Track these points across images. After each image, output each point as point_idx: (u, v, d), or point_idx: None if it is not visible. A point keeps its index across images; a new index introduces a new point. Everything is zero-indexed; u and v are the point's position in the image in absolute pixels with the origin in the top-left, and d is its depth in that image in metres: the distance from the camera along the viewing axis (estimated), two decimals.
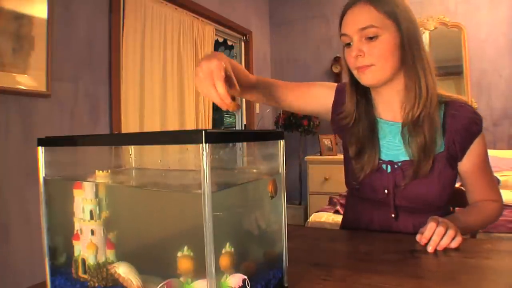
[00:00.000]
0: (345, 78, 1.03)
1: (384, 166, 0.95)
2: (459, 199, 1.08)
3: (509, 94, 3.23)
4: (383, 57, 0.86)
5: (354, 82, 0.96)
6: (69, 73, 1.92)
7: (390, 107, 0.96)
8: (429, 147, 0.89)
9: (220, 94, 0.69)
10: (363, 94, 0.99)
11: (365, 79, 0.90)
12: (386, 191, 0.94)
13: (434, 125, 0.89)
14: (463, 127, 0.90)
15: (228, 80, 0.73)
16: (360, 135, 0.96)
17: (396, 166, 0.93)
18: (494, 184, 0.99)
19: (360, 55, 0.87)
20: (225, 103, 0.69)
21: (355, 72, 0.92)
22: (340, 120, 1.00)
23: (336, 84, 1.06)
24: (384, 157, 0.95)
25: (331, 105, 1.04)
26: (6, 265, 1.62)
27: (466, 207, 1.01)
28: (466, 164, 0.93)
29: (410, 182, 0.91)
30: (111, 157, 0.62)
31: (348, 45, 0.90)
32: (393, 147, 0.95)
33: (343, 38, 0.91)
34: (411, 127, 0.90)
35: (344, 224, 1.12)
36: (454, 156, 0.92)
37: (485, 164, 0.96)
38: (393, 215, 0.95)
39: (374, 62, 0.87)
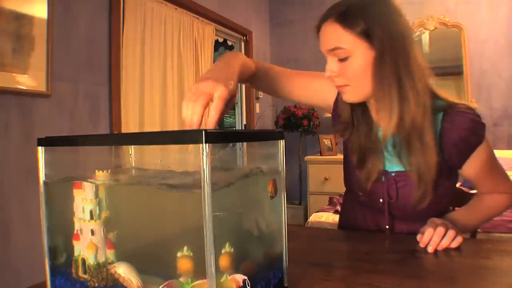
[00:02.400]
0: None
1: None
2: (459, 199, 1.08)
3: (509, 94, 3.23)
4: (355, 78, 0.81)
5: None
6: (69, 73, 1.92)
7: (380, 115, 0.89)
8: (426, 167, 0.82)
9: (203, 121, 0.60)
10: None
11: (345, 97, 0.86)
12: (381, 200, 0.92)
13: (424, 141, 0.81)
14: (461, 139, 0.83)
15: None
16: (362, 142, 0.91)
17: (389, 176, 0.90)
18: (504, 177, 0.94)
19: (333, 75, 0.83)
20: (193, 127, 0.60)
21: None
22: (339, 131, 0.95)
23: None
24: None
25: (332, 101, 1.00)
26: (6, 265, 1.62)
27: (469, 202, 0.98)
28: (469, 170, 0.88)
29: (402, 194, 0.89)
30: (111, 157, 0.62)
31: None
32: (386, 156, 0.91)
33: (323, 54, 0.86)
34: (399, 145, 0.85)
35: (341, 224, 1.12)
36: (452, 167, 0.88)
37: (490, 167, 0.90)
38: (387, 226, 0.94)
39: (347, 82, 0.82)
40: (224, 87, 0.62)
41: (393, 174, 0.90)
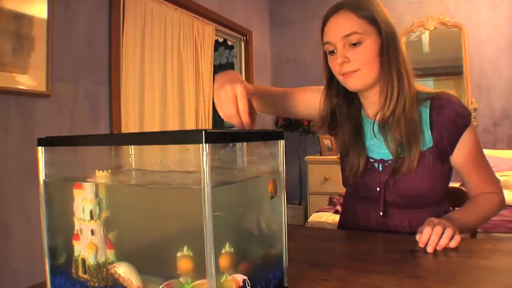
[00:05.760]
0: None
1: (376, 164, 0.97)
2: (459, 199, 1.08)
3: (509, 94, 3.23)
4: (367, 62, 0.88)
5: (333, 87, 0.99)
6: (69, 73, 1.92)
7: (375, 107, 0.97)
8: (407, 142, 0.90)
9: (244, 122, 0.71)
10: (345, 98, 1.01)
11: (351, 84, 0.91)
12: (378, 189, 0.96)
13: (413, 122, 0.90)
14: (449, 120, 0.91)
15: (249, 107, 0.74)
16: (345, 138, 1.00)
17: (387, 164, 0.95)
18: (492, 176, 0.99)
19: (346, 62, 0.89)
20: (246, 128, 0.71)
21: (340, 78, 0.93)
22: (316, 126, 1.05)
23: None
24: (376, 156, 0.97)
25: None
26: (6, 265, 1.62)
27: (464, 204, 1.01)
28: (458, 157, 0.94)
29: (400, 179, 0.93)
30: (111, 157, 0.62)
31: (332, 52, 0.93)
32: (383, 146, 0.96)
33: (327, 46, 0.93)
34: (386, 125, 0.93)
35: (342, 222, 1.13)
36: (443, 151, 0.93)
37: (478, 157, 0.96)
38: (381, 213, 0.97)
39: (359, 67, 0.89)
40: (240, 85, 0.71)
41: (390, 162, 0.95)
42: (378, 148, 0.97)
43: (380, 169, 0.96)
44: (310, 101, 1.06)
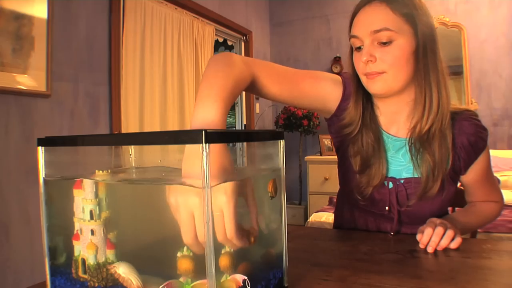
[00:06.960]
0: None
1: (385, 182, 0.89)
2: (459, 199, 1.08)
3: (509, 94, 3.23)
4: (396, 65, 0.78)
5: (361, 87, 0.87)
6: (69, 73, 1.92)
7: (395, 119, 0.89)
8: (439, 166, 0.82)
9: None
10: (369, 100, 0.90)
11: (374, 87, 0.81)
12: (387, 207, 0.89)
13: (445, 143, 0.82)
14: (470, 143, 0.85)
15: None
16: (365, 146, 0.88)
17: (398, 183, 0.88)
18: (495, 186, 0.98)
19: (371, 61, 0.79)
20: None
21: (363, 79, 0.83)
22: (341, 128, 0.91)
23: (340, 78, 0.93)
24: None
25: (336, 104, 0.92)
26: (6, 265, 1.62)
27: (464, 207, 1.01)
28: (469, 176, 0.91)
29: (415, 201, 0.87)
30: (111, 157, 0.62)
31: (358, 48, 0.82)
32: (395, 163, 0.89)
33: (353, 41, 0.83)
34: (419, 143, 0.83)
35: (337, 225, 1.09)
36: (457, 172, 0.89)
37: (487, 174, 0.93)
38: (392, 233, 0.91)
39: (386, 69, 0.79)
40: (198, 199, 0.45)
41: (402, 181, 0.88)
42: (389, 164, 0.89)
43: (390, 186, 0.89)
44: (324, 93, 0.91)
